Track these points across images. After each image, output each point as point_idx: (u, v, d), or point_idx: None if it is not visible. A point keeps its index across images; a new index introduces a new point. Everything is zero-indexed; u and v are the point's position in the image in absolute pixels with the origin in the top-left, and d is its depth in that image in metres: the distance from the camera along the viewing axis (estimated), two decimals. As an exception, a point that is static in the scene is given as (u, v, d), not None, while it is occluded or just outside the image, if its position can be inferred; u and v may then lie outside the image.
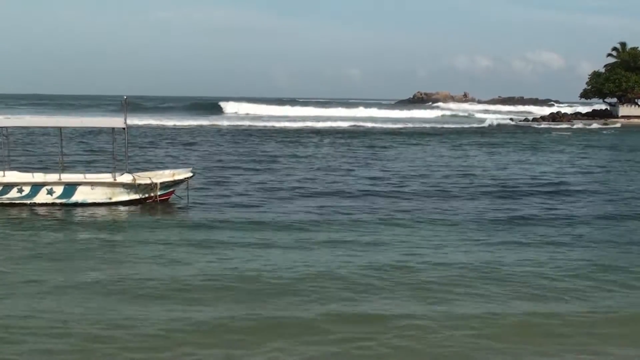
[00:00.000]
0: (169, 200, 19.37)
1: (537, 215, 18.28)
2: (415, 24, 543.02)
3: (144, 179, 18.90)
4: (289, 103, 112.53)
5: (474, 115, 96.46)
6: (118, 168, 19.48)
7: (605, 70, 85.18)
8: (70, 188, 18.48)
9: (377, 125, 64.23)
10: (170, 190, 19.41)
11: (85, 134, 42.65)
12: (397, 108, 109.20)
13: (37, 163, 26.69)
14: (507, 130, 62.74)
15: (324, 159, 32.78)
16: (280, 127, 59.43)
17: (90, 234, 15.22)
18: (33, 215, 17.23)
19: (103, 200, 18.60)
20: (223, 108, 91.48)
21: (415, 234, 15.61)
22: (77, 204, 18.32)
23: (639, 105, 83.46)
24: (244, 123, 62.89)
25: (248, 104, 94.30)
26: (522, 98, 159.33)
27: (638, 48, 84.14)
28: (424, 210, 18.72)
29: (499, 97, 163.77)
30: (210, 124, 60.72)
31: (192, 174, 19.84)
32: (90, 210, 17.86)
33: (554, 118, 80.00)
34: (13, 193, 18.23)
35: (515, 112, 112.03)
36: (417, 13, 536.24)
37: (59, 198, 18.39)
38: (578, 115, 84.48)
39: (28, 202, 18.22)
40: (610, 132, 64.44)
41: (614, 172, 30.03)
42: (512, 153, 38.65)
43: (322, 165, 29.85)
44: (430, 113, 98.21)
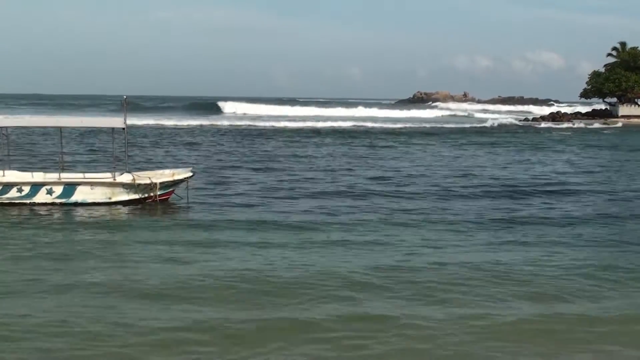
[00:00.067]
0: (169, 200, 19.36)
1: (538, 215, 18.25)
2: (415, 24, 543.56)
3: (144, 179, 18.90)
4: (289, 103, 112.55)
5: (474, 115, 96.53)
6: (118, 168, 19.48)
7: (605, 70, 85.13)
8: (70, 188, 18.48)
9: (377, 125, 64.17)
10: (170, 190, 19.40)
11: (85, 134, 42.63)
12: (397, 108, 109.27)
13: (37, 163, 26.66)
14: (508, 130, 62.69)
15: (324, 159, 32.77)
16: (280, 126, 59.39)
17: (90, 234, 15.20)
18: (33, 215, 17.22)
19: (103, 200, 18.59)
20: (223, 108, 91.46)
21: (416, 234, 15.59)
22: (76, 204, 18.33)
23: (639, 105, 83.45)
24: (244, 123, 62.85)
25: (248, 104, 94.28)
26: (522, 98, 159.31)
27: (638, 48, 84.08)
28: (425, 210, 18.70)
29: (499, 96, 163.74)
30: (210, 124, 60.69)
31: (192, 174, 19.84)
32: (90, 210, 17.84)
33: (554, 118, 79.96)
34: (13, 193, 18.22)
35: (515, 111, 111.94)
36: (417, 13, 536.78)
37: (59, 198, 18.38)
38: (578, 115, 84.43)
39: (28, 201, 18.22)
40: (611, 131, 64.38)
41: (616, 171, 30.00)
42: (513, 153, 38.63)
43: (322, 165, 29.85)
44: (430, 113, 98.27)
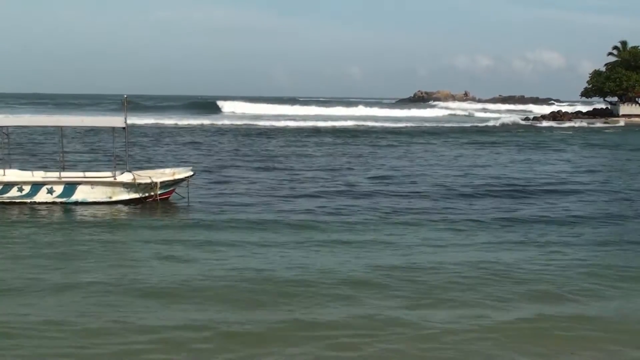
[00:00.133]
0: (169, 199, 19.34)
1: (539, 215, 18.19)
2: (415, 24, 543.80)
3: (144, 178, 18.88)
4: (289, 102, 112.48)
5: (474, 115, 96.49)
6: (118, 167, 19.46)
7: (606, 69, 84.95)
8: (71, 187, 18.47)
9: (377, 124, 64.10)
10: (171, 189, 19.39)
11: (86, 133, 42.60)
12: (397, 107, 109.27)
13: (37, 162, 26.65)
14: (509, 129, 62.56)
15: (324, 158, 32.74)
16: (281, 126, 59.35)
17: (90, 233, 15.18)
18: (33, 214, 17.21)
19: (103, 200, 18.58)
20: (222, 107, 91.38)
21: (416, 233, 15.56)
22: (77, 203, 18.32)
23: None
24: (245, 122, 62.79)
25: (248, 103, 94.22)
26: (522, 97, 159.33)
27: (639, 47, 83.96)
28: (425, 210, 18.67)
29: (500, 96, 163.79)
30: (211, 123, 60.67)
31: (192, 173, 19.84)
32: (91, 210, 17.83)
33: (555, 117, 79.78)
34: (13, 192, 18.22)
35: (516, 110, 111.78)
36: (417, 13, 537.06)
37: (59, 197, 18.37)
38: (579, 114, 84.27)
39: (28, 201, 18.22)
40: (613, 131, 64.26)
41: (617, 170, 29.93)
42: (514, 152, 38.56)
43: (322, 165, 29.82)
44: (431, 112, 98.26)
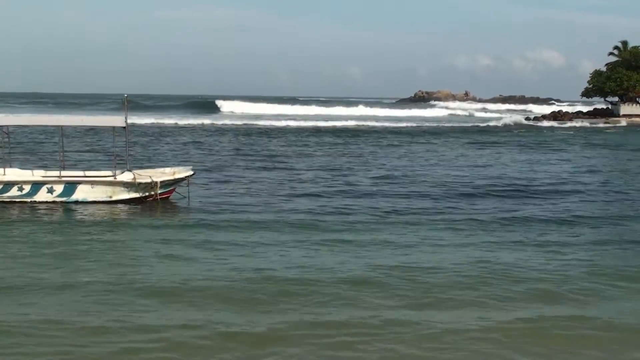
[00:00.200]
0: (170, 199, 19.32)
1: (540, 215, 18.14)
2: (415, 24, 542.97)
3: (145, 178, 18.85)
4: (289, 102, 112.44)
5: (474, 115, 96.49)
6: (119, 166, 19.43)
7: (607, 69, 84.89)
8: (71, 186, 18.44)
9: (378, 124, 64.07)
10: (171, 189, 19.36)
11: (86, 133, 42.56)
12: (398, 107, 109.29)
13: (38, 161, 26.64)
14: (510, 129, 62.48)
15: (325, 158, 32.71)
16: (281, 125, 59.33)
17: (90, 233, 15.14)
18: (33, 214, 17.18)
19: (103, 199, 18.55)
20: (221, 107, 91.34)
21: (416, 233, 15.52)
22: (77, 202, 18.29)
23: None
24: (245, 122, 62.78)
25: (248, 103, 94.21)
26: (523, 97, 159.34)
27: (639, 47, 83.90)
28: (425, 210, 18.63)
29: (500, 95, 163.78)
30: (211, 123, 60.66)
31: (192, 173, 19.81)
32: (91, 209, 17.80)
33: (555, 117, 79.74)
34: (13, 191, 18.21)
35: (516, 110, 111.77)
36: (417, 13, 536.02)
37: (60, 196, 18.35)
38: (579, 114, 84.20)
39: (28, 200, 18.21)
40: (615, 131, 64.19)
41: (619, 171, 29.85)
42: (516, 152, 38.49)
43: (323, 164, 29.78)
44: (432, 112, 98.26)
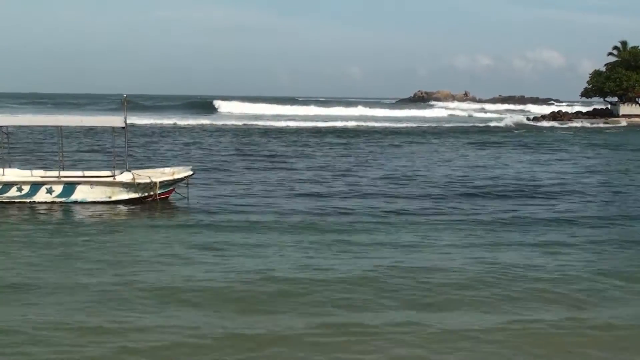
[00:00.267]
0: (169, 199, 19.28)
1: (540, 215, 18.11)
2: (415, 24, 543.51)
3: (144, 178, 18.82)
4: (289, 102, 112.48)
5: (473, 115, 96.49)
6: (118, 166, 19.39)
7: (606, 69, 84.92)
8: (70, 187, 18.42)
9: (378, 125, 64.05)
10: (171, 189, 19.33)
11: (86, 133, 42.52)
12: (397, 107, 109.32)
13: (37, 161, 26.58)
14: (511, 130, 62.47)
15: (324, 158, 32.67)
16: (281, 126, 59.28)
17: (89, 233, 15.10)
18: (32, 214, 17.15)
19: (103, 199, 18.52)
20: (219, 107, 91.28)
21: (416, 234, 15.48)
22: (76, 203, 18.26)
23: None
24: (245, 122, 62.75)
25: (247, 103, 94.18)
26: (522, 97, 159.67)
27: (639, 47, 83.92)
28: (425, 210, 18.59)
29: (500, 96, 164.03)
30: (211, 123, 60.63)
31: (192, 173, 19.77)
32: (90, 209, 17.77)
33: (555, 117, 79.76)
34: (13, 192, 18.19)
35: (515, 110, 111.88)
36: (417, 13, 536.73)
37: (59, 197, 18.32)
38: (579, 114, 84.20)
39: (28, 200, 18.18)
40: (616, 131, 64.16)
41: (620, 171, 29.80)
42: (516, 152, 38.47)
43: (322, 165, 29.75)
44: (432, 112, 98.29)
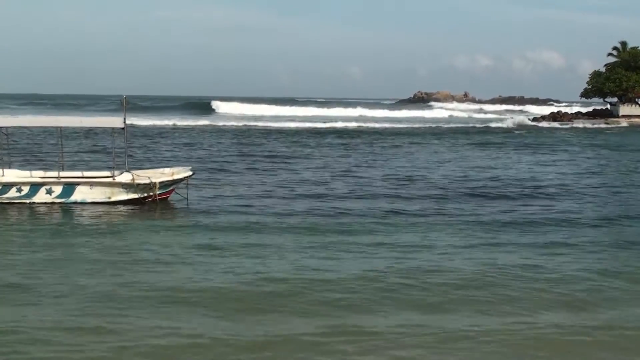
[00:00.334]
0: (169, 200, 19.26)
1: (540, 216, 18.08)
2: (415, 24, 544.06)
3: (143, 178, 18.80)
4: (288, 103, 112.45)
5: (473, 116, 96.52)
6: (117, 167, 19.38)
7: (606, 70, 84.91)
8: (70, 187, 18.40)
9: (377, 125, 64.04)
10: (170, 189, 19.31)
11: (85, 134, 42.50)
12: (397, 108, 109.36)
13: (37, 162, 26.59)
14: (511, 130, 62.39)
15: (324, 159, 32.64)
16: (281, 127, 59.27)
17: (89, 234, 15.07)
18: (32, 215, 17.12)
19: (102, 200, 18.51)
20: (218, 108, 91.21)
21: (416, 234, 15.45)
22: (76, 203, 18.25)
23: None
24: (244, 123, 62.74)
25: (247, 104, 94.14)
26: (522, 98, 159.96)
27: (638, 47, 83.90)
28: (425, 211, 18.53)
29: (499, 96, 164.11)
30: (210, 124, 60.62)
31: (191, 173, 19.76)
32: (89, 210, 17.75)
33: (555, 118, 79.78)
34: (12, 192, 18.16)
35: (515, 111, 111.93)
36: (417, 13, 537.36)
37: (58, 197, 18.31)
38: (579, 115, 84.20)
39: (27, 201, 18.16)
40: (616, 131, 64.15)
41: (620, 172, 29.77)
42: (516, 153, 38.43)
43: (322, 166, 29.72)
44: (431, 113, 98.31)
